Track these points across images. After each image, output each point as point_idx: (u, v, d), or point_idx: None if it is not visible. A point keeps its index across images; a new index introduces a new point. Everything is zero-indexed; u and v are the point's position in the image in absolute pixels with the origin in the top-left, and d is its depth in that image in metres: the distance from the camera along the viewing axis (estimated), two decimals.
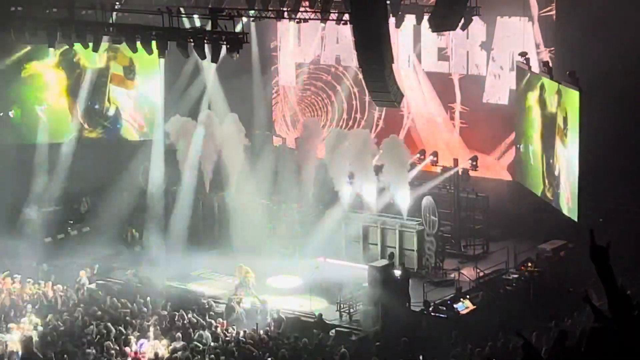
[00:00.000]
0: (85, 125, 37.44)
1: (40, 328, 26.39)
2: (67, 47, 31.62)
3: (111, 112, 37.75)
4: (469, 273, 30.17)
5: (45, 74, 36.74)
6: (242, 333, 26.22)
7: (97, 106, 37.60)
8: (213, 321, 27.16)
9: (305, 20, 31.12)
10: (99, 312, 27.28)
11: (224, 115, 35.02)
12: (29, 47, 34.82)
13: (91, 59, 35.89)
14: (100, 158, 35.90)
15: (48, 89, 36.93)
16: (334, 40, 38.46)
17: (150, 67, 35.46)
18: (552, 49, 33.28)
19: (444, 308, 27.58)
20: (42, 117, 36.73)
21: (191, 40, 25.63)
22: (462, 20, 28.36)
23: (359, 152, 32.40)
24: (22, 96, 36.72)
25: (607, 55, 29.90)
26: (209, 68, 34.68)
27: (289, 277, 31.81)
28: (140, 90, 37.42)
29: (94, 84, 36.86)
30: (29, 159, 35.45)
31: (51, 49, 31.91)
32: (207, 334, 25.90)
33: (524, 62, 32.08)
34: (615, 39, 30.01)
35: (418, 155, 34.63)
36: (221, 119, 34.77)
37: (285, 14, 30.56)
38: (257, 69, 38.63)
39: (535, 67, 32.17)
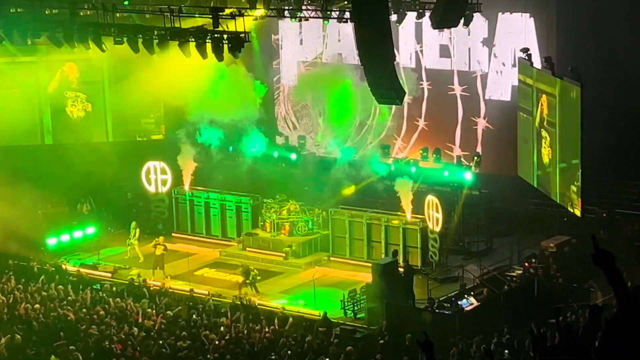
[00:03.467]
0: None
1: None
2: None
3: None
4: (473, 270, 30.17)
5: None
6: (246, 332, 26.23)
7: None
8: (217, 320, 27.19)
9: (307, 18, 31.12)
10: (102, 312, 27.33)
11: None
12: None
13: None
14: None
15: None
16: (336, 38, 38.45)
17: None
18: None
19: (448, 305, 27.58)
20: None
21: (193, 39, 25.62)
22: (464, 17, 28.34)
23: None
24: None
25: (608, 50, 29.94)
26: None
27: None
28: None
29: None
30: None
31: None
32: (212, 333, 25.92)
33: (526, 58, 32.07)
34: (615, 34, 30.07)
35: (421, 152, 34.75)
36: None
37: (287, 12, 30.57)
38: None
39: (537, 63, 32.15)
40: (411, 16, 30.90)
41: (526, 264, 30.04)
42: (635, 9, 30.49)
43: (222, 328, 26.44)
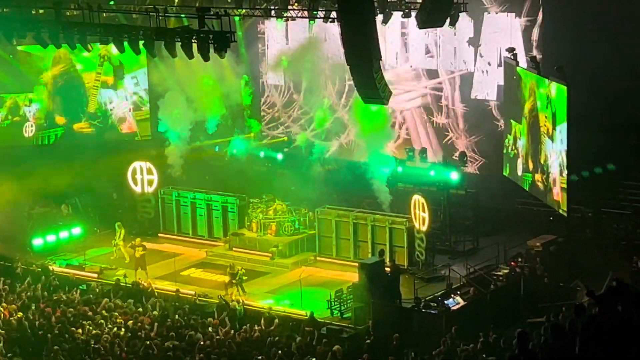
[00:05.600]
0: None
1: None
2: None
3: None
4: (459, 269, 30.19)
5: None
6: (232, 332, 26.21)
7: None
8: (204, 320, 27.16)
9: (293, 18, 31.10)
10: (90, 313, 27.29)
11: None
12: None
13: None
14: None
15: None
16: (322, 38, 38.45)
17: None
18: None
19: (435, 304, 27.60)
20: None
21: (179, 39, 25.59)
22: (449, 17, 28.38)
23: None
24: None
25: (594, 50, 30.01)
26: None
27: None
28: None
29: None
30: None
31: None
32: (198, 333, 25.89)
33: (512, 57, 32.12)
34: (602, 33, 30.17)
35: (406, 152, 34.82)
36: None
37: (273, 12, 30.57)
38: None
39: (522, 63, 32.22)
40: (397, 16, 30.94)
41: (512, 263, 30.07)
42: (622, 8, 30.56)
43: (209, 328, 26.42)
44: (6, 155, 37.23)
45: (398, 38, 36.82)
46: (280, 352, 24.39)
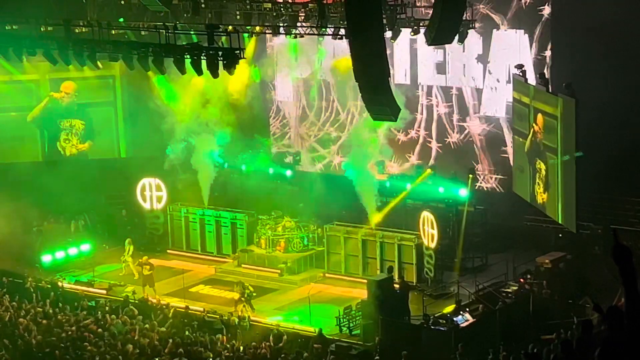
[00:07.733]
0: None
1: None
2: None
3: None
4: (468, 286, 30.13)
5: None
6: (242, 349, 26.19)
7: None
8: (213, 337, 27.14)
9: (302, 35, 31.15)
10: (100, 330, 27.27)
11: None
12: None
13: None
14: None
15: None
16: (331, 55, 38.48)
17: None
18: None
19: (444, 321, 27.54)
20: None
21: (188, 56, 25.66)
22: (458, 34, 28.38)
23: None
24: None
25: (603, 66, 30.01)
26: None
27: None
28: None
29: None
30: None
31: None
32: (207, 350, 25.86)
33: (520, 74, 32.08)
34: (610, 49, 30.15)
35: (416, 169, 34.81)
36: None
37: (282, 29, 30.62)
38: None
39: (531, 79, 32.18)
40: (406, 33, 30.94)
41: (521, 280, 30.01)
42: (630, 25, 30.54)
43: (217, 345, 26.40)
44: (16, 171, 37.25)
45: (407, 55, 36.82)
46: None
